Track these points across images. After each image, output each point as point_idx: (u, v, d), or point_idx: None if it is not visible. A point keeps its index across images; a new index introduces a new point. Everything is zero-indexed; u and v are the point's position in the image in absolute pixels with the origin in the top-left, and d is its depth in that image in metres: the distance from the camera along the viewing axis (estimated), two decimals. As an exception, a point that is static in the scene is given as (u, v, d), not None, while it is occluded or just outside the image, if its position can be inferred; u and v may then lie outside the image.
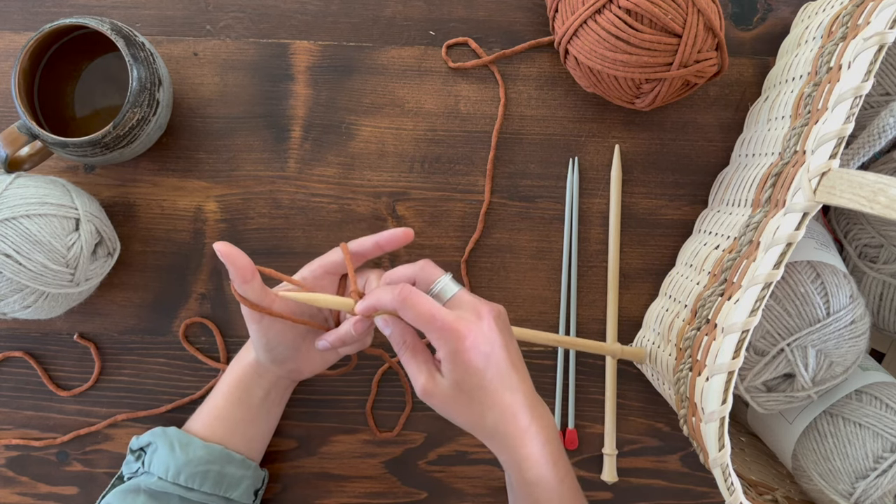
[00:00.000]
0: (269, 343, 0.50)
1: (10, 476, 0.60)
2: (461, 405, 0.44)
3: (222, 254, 0.45)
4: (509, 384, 0.44)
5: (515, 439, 0.44)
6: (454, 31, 0.60)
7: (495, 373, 0.43)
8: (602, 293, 0.61)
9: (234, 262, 0.45)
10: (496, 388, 0.43)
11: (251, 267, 0.46)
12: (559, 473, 0.45)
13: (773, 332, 0.46)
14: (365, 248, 0.49)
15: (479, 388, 0.43)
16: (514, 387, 0.44)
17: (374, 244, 0.49)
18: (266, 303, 0.48)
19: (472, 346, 0.42)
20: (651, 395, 0.61)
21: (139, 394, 0.60)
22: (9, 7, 0.59)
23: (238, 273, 0.46)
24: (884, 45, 0.39)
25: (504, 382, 0.43)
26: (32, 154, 0.53)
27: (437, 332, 0.42)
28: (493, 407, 0.43)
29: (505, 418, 0.44)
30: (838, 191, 0.37)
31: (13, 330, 0.60)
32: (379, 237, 0.49)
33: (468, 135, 0.60)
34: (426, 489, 0.61)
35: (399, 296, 0.43)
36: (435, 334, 0.43)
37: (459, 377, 0.43)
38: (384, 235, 0.49)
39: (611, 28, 0.50)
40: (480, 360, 0.43)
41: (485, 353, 0.43)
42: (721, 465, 0.40)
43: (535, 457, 0.44)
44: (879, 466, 0.46)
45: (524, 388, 0.45)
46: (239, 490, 0.53)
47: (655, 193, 0.61)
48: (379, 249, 0.49)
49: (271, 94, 0.60)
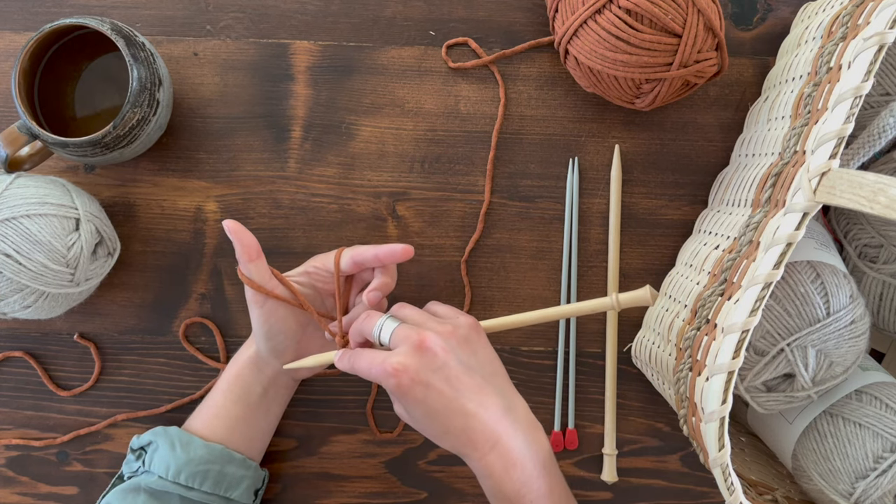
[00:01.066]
0: (270, 330, 0.51)
1: (10, 476, 0.60)
2: (422, 428, 0.45)
3: (230, 230, 0.48)
4: (460, 408, 0.43)
5: (475, 461, 0.44)
6: (454, 31, 0.60)
7: (439, 401, 0.43)
8: (602, 293, 0.61)
9: (241, 240, 0.48)
10: (445, 415, 0.44)
11: (257, 246, 0.49)
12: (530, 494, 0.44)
13: (773, 332, 0.46)
14: (365, 258, 0.51)
15: (427, 416, 0.44)
16: (466, 410, 0.43)
17: (374, 256, 0.50)
18: (269, 287, 0.49)
19: (406, 381, 0.43)
20: (651, 395, 0.61)
21: (139, 394, 0.60)
22: (9, 7, 0.59)
23: (244, 251, 0.48)
24: (884, 45, 0.39)
25: (452, 408, 0.43)
26: (32, 154, 0.53)
27: (376, 379, 0.45)
28: (448, 432, 0.44)
29: (461, 442, 0.44)
30: (838, 191, 0.37)
31: (13, 330, 0.60)
32: (378, 250, 0.50)
33: (468, 135, 0.60)
34: (426, 489, 0.61)
35: (348, 362, 0.47)
36: (378, 381, 0.45)
37: (408, 409, 0.45)
38: (383, 249, 0.50)
39: (611, 28, 0.50)
40: (419, 392, 0.43)
41: (422, 382, 0.43)
42: (721, 465, 0.40)
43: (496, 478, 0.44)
44: (879, 466, 0.46)
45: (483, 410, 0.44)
46: (239, 490, 0.53)
47: (655, 193, 0.61)
48: (378, 262, 0.51)
49: (271, 94, 0.60)
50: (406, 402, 0.44)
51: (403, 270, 0.60)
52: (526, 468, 0.44)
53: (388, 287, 0.51)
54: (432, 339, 0.44)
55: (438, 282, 0.60)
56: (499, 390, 0.45)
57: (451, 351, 0.44)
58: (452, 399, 0.43)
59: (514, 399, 0.46)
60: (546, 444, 0.45)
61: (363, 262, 0.51)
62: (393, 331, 0.46)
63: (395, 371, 0.43)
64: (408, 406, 0.44)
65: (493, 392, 0.45)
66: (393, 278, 0.52)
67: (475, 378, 0.44)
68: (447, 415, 0.43)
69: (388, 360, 0.44)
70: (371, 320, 0.48)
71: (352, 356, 0.47)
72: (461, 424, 0.43)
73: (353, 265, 0.51)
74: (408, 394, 0.43)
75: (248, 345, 0.54)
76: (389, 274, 0.52)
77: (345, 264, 0.51)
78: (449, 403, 0.43)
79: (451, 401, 0.43)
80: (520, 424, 0.45)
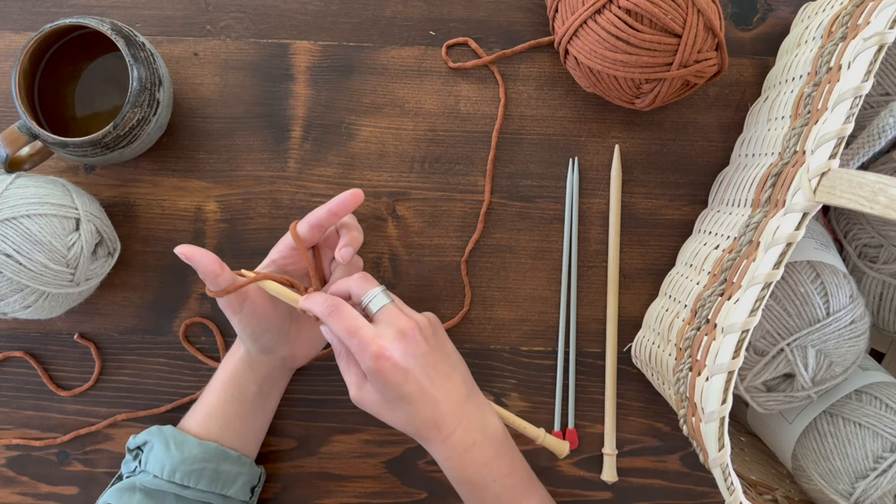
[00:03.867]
0: (254, 332, 0.50)
1: (10, 476, 0.60)
2: (386, 412, 0.47)
3: (185, 256, 0.47)
4: (431, 395, 0.45)
5: (437, 444, 0.47)
6: (454, 31, 0.60)
7: (415, 387, 0.45)
8: (602, 293, 0.61)
9: (200, 263, 0.47)
10: (417, 400, 0.45)
11: (216, 263, 0.47)
12: (491, 474, 0.47)
13: (773, 332, 0.46)
14: (320, 218, 0.50)
15: (400, 399, 0.45)
16: (436, 398, 0.46)
17: (327, 212, 0.49)
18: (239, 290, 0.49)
19: (389, 364, 0.44)
20: (651, 395, 0.61)
21: (139, 394, 0.60)
22: (9, 7, 0.59)
23: (206, 272, 0.47)
24: (884, 45, 0.39)
25: (425, 394, 0.45)
26: (33, 154, 0.53)
27: (355, 348, 0.44)
28: (415, 416, 0.46)
29: (427, 426, 0.46)
30: (838, 191, 0.37)
31: (13, 330, 0.60)
32: (330, 204, 0.49)
33: (468, 135, 0.60)
34: (426, 489, 0.61)
35: (327, 308, 0.46)
36: (354, 350, 0.45)
37: (380, 389, 0.45)
38: (334, 201, 0.49)
39: (611, 28, 0.50)
40: (398, 376, 0.44)
41: (403, 368, 0.44)
42: (721, 464, 0.40)
43: (456, 459, 0.47)
44: (879, 466, 0.46)
45: (450, 397, 0.46)
46: (235, 487, 0.53)
47: (655, 193, 0.61)
48: (334, 217, 0.49)
49: (271, 94, 0.60)
50: (381, 385, 0.45)
51: (403, 270, 0.60)
52: (485, 449, 0.47)
53: (357, 240, 0.50)
54: (417, 328, 0.46)
55: (438, 282, 0.60)
56: (463, 378, 0.48)
57: (429, 340, 0.46)
58: (426, 386, 0.45)
59: (474, 387, 0.49)
60: (500, 427, 0.49)
61: (319, 222, 0.49)
62: (384, 306, 0.47)
63: (380, 353, 0.44)
64: (382, 388, 0.45)
65: (459, 380, 0.48)
66: (359, 231, 0.51)
67: (446, 367, 0.47)
68: (420, 400, 0.45)
69: (375, 339, 0.44)
70: (367, 285, 0.47)
71: (335, 308, 0.45)
72: (430, 410, 0.45)
73: (311, 230, 0.50)
74: (387, 377, 0.44)
75: (240, 343, 0.54)
76: (353, 228, 0.51)
77: (304, 231, 0.50)
78: (423, 390, 0.45)
79: (425, 387, 0.45)
80: (478, 410, 0.48)
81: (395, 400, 0.45)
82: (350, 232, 0.50)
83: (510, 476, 0.48)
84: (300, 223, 0.50)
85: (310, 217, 0.50)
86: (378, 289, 0.47)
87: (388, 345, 0.44)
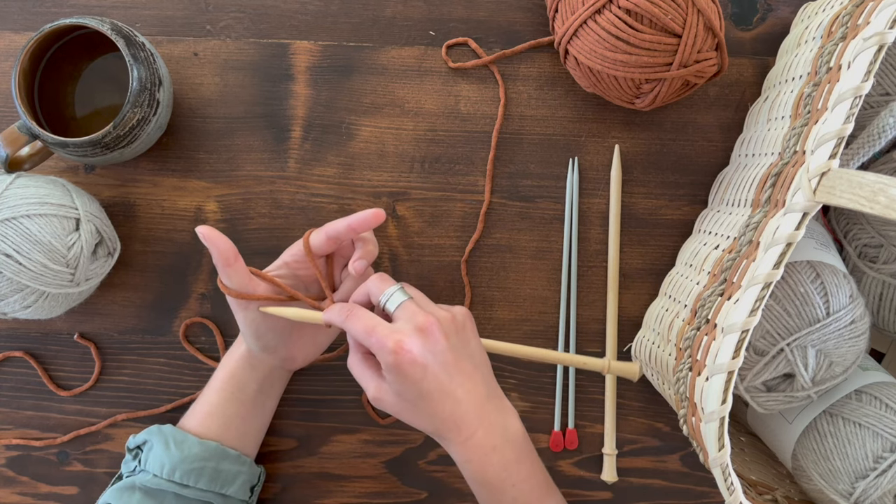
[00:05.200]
0: (257, 331, 0.50)
1: (10, 476, 0.60)
2: (407, 411, 0.46)
3: (205, 236, 0.47)
4: (451, 393, 0.45)
5: (458, 445, 0.46)
6: (454, 31, 0.60)
7: (434, 384, 0.44)
8: (602, 293, 0.61)
9: (217, 245, 0.47)
10: (436, 398, 0.45)
11: (233, 250, 0.48)
12: (511, 478, 0.46)
13: (773, 332, 0.46)
14: (338, 230, 0.49)
15: (419, 397, 0.45)
16: (457, 396, 0.45)
17: (347, 227, 0.49)
18: (250, 288, 0.49)
19: (408, 360, 0.44)
20: (651, 395, 0.61)
21: (139, 394, 0.60)
22: (9, 7, 0.59)
23: (221, 256, 0.47)
24: (884, 45, 0.39)
25: (445, 392, 0.45)
26: (33, 154, 0.53)
27: (374, 347, 0.44)
28: (434, 415, 0.45)
29: (447, 426, 0.45)
30: (838, 191, 0.37)
31: (13, 330, 0.60)
32: (350, 220, 0.49)
33: (468, 135, 0.60)
34: (426, 489, 0.61)
35: (343, 314, 0.46)
36: (374, 348, 0.44)
37: (399, 388, 0.45)
38: (355, 218, 0.49)
39: (611, 28, 0.50)
40: (417, 372, 0.44)
41: (422, 364, 0.44)
42: (721, 464, 0.40)
43: (477, 462, 0.46)
44: (879, 466, 0.46)
45: (470, 397, 0.46)
46: (234, 486, 0.53)
47: (655, 193, 0.61)
48: (352, 232, 0.49)
49: (271, 94, 0.60)
50: (400, 381, 0.44)
51: (403, 270, 0.60)
52: (505, 453, 0.46)
53: (372, 254, 0.51)
54: (436, 324, 0.45)
55: (438, 282, 0.60)
56: (485, 378, 0.47)
57: (449, 337, 0.46)
58: (446, 383, 0.45)
59: (496, 388, 0.48)
60: (521, 430, 0.48)
61: (337, 235, 0.49)
62: (402, 303, 0.46)
63: (399, 348, 0.43)
64: (401, 385, 0.45)
65: (480, 380, 0.47)
66: (375, 245, 0.51)
67: (467, 365, 0.46)
68: (439, 398, 0.45)
69: (392, 335, 0.44)
70: (384, 284, 0.47)
71: (351, 312, 0.46)
72: (450, 408, 0.45)
73: (328, 241, 0.50)
74: (406, 373, 0.44)
75: (240, 341, 0.54)
76: (370, 242, 0.51)
77: (320, 241, 0.50)
78: (442, 387, 0.45)
79: (445, 385, 0.45)
80: (499, 412, 0.47)
81: (414, 398, 0.45)
82: (366, 245, 0.50)
83: (529, 480, 0.47)
84: (316, 232, 0.50)
85: (328, 229, 0.50)
86: (394, 287, 0.47)
87: (406, 339, 0.44)
